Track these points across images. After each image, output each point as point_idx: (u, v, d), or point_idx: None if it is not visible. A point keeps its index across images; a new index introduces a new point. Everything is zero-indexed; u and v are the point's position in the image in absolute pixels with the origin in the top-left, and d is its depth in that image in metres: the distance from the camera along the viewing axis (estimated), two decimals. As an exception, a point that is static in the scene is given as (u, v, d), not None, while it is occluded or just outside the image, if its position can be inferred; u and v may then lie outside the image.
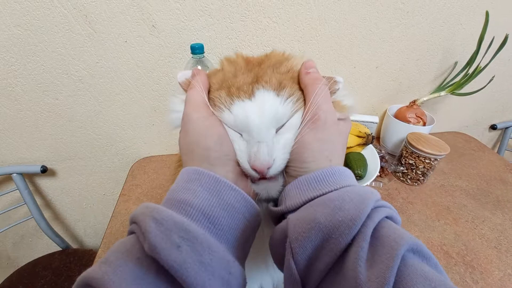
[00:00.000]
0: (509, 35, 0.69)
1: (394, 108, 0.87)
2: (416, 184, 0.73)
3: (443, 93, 0.81)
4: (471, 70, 0.76)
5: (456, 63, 0.85)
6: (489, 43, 0.73)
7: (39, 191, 0.84)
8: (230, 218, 0.23)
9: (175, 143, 0.29)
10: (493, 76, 0.78)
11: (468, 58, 0.76)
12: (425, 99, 0.81)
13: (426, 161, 0.68)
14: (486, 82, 0.77)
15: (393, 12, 0.71)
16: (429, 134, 0.74)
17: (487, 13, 0.69)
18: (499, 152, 1.09)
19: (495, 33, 0.71)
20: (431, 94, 0.82)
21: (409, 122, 0.79)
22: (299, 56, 0.32)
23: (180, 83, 0.30)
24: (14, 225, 0.80)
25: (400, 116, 0.81)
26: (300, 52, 0.73)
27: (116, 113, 0.73)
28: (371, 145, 0.65)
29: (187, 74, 0.30)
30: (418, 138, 0.70)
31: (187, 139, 0.26)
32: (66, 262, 0.81)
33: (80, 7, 0.57)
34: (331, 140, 0.26)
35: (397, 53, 0.79)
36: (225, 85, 0.28)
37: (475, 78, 0.75)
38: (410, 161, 0.71)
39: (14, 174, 0.74)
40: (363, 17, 0.70)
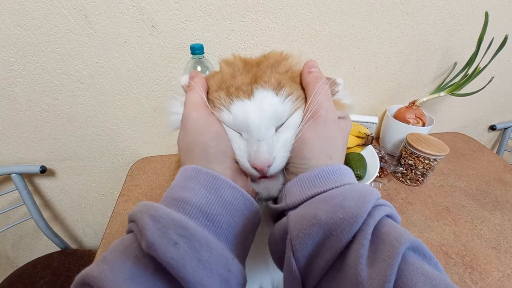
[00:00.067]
0: (509, 36, 0.69)
1: (394, 108, 0.87)
2: (416, 184, 0.74)
3: (442, 93, 0.81)
4: (470, 71, 0.76)
5: (455, 64, 0.85)
6: (488, 43, 0.73)
7: (38, 191, 0.84)
8: (228, 215, 0.23)
9: (174, 144, 0.29)
10: (493, 77, 0.78)
11: (468, 59, 0.76)
12: (424, 99, 0.81)
13: (426, 161, 0.68)
14: (485, 82, 0.77)
15: (393, 13, 0.71)
16: (429, 134, 0.75)
17: (486, 13, 0.69)
18: (498, 152, 1.09)
19: (495, 33, 0.71)
20: (431, 94, 0.82)
21: (408, 122, 0.79)
22: (297, 55, 0.32)
23: (183, 86, 0.31)
24: (13, 225, 0.80)
25: (400, 116, 0.81)
26: (299, 52, 0.73)
27: (116, 113, 0.73)
28: (370, 145, 0.65)
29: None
30: (417, 138, 0.70)
31: (186, 137, 0.27)
32: (65, 262, 0.81)
33: (80, 7, 0.57)
34: (332, 137, 0.26)
35: (396, 53, 0.79)
36: (224, 86, 0.28)
37: (474, 79, 0.75)
38: (410, 162, 0.71)
39: (13, 174, 0.74)
40: (362, 18, 0.70)
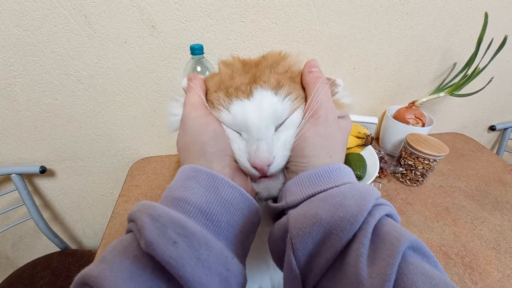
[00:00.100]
0: (508, 36, 0.69)
1: (393, 109, 0.87)
2: (415, 185, 0.74)
3: (442, 94, 0.81)
4: (470, 71, 0.76)
5: (455, 64, 0.85)
6: (488, 44, 0.73)
7: (38, 191, 0.84)
8: (228, 214, 0.23)
9: (174, 144, 0.29)
10: (492, 77, 0.78)
11: (467, 59, 0.76)
12: (424, 100, 0.82)
13: (425, 162, 0.68)
14: (485, 83, 0.77)
15: (392, 14, 0.71)
16: (428, 135, 0.75)
17: (486, 14, 0.69)
18: (498, 153, 1.09)
19: (494, 34, 0.71)
20: (430, 95, 0.82)
21: (408, 123, 0.79)
22: (295, 55, 0.32)
23: (183, 88, 0.31)
24: (13, 225, 0.80)
25: (399, 117, 0.81)
26: (298, 52, 0.73)
27: (116, 113, 0.73)
28: (370, 146, 0.65)
29: None
30: (417, 139, 0.70)
31: (185, 137, 0.27)
32: (65, 262, 0.81)
33: (80, 7, 0.57)
34: (332, 136, 0.26)
35: (396, 54, 0.79)
36: (223, 86, 0.28)
37: (474, 79, 0.75)
38: (409, 162, 0.71)
39: (13, 175, 0.74)
40: (362, 18, 0.70)
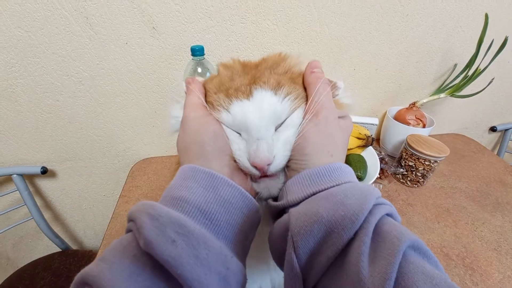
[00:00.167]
0: (509, 37, 0.69)
1: (394, 110, 0.87)
2: (416, 186, 0.73)
3: (442, 95, 0.81)
4: (470, 72, 0.76)
5: (455, 65, 0.85)
6: (488, 45, 0.73)
7: (39, 192, 0.84)
8: (227, 213, 0.23)
9: (175, 145, 0.29)
10: (493, 78, 0.78)
11: (468, 60, 0.77)
12: (424, 101, 0.82)
13: (426, 163, 0.68)
14: (485, 84, 0.77)
15: (393, 15, 0.71)
16: (429, 136, 0.75)
17: (486, 15, 0.69)
18: (498, 154, 1.09)
19: (495, 35, 0.71)
20: (431, 96, 0.82)
21: (408, 124, 0.79)
22: (295, 56, 0.32)
23: (185, 90, 0.31)
24: (14, 226, 0.80)
25: (400, 118, 0.81)
26: (298, 53, 0.73)
27: (116, 114, 0.73)
28: (371, 147, 0.65)
29: None
30: (417, 140, 0.70)
31: (184, 137, 0.27)
32: (66, 263, 0.81)
33: (81, 9, 0.57)
34: (332, 135, 0.26)
35: (396, 55, 0.79)
36: (223, 88, 0.28)
37: (474, 80, 0.75)
38: (410, 163, 0.71)
39: (14, 175, 0.74)
40: (362, 20, 0.70)
